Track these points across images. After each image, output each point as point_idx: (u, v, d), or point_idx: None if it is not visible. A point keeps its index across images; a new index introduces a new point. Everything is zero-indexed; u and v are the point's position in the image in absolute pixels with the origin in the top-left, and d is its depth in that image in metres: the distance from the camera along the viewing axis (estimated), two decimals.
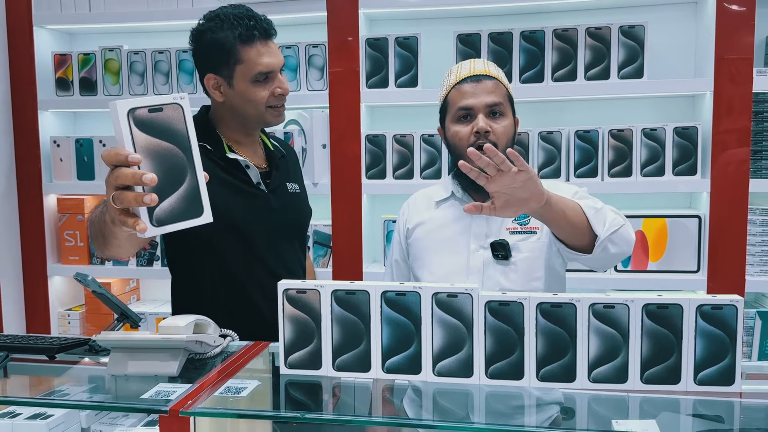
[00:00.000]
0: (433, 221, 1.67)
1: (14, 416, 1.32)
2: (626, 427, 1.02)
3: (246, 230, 1.61)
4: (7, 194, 2.65)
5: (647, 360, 1.10)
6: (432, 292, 1.14)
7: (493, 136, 1.54)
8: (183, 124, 1.01)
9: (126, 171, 0.97)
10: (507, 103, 1.59)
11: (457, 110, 1.57)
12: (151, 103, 0.98)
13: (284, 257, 1.69)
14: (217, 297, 1.61)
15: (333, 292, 1.16)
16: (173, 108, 1.00)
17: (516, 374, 1.13)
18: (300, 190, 1.80)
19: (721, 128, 2.16)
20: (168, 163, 1.00)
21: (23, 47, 2.63)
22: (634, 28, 2.21)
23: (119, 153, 0.97)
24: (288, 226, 1.71)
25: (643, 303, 1.10)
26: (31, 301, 2.71)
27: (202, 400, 1.06)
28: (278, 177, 1.71)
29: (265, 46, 1.58)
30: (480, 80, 1.57)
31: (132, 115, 0.97)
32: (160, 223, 1.00)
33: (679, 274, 2.25)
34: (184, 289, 1.69)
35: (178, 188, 1.01)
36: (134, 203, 0.97)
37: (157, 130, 0.99)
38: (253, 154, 1.69)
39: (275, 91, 1.59)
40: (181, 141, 1.01)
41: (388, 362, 1.16)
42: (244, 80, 1.57)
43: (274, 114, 1.62)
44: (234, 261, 1.61)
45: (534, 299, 1.12)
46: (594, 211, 1.43)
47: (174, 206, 1.01)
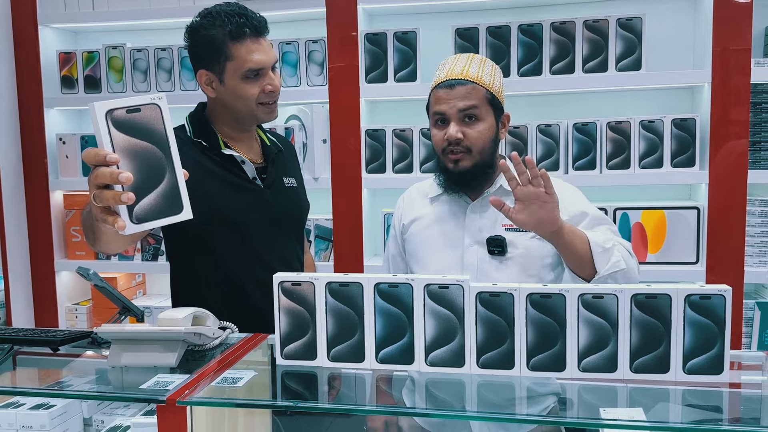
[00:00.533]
0: (428, 217, 1.68)
1: (18, 406, 1.36)
2: (613, 415, 1.03)
3: (242, 225, 1.63)
4: (14, 191, 2.69)
5: (636, 349, 1.11)
6: (424, 284, 1.16)
7: (467, 142, 1.55)
8: (161, 123, 1.03)
9: (104, 170, 1.00)
10: (485, 106, 1.56)
11: (433, 114, 1.59)
12: (129, 104, 1.01)
13: (281, 251, 1.71)
14: (214, 291, 1.64)
15: (327, 285, 1.18)
16: (151, 108, 1.03)
17: (507, 364, 1.15)
18: (297, 185, 1.81)
19: (720, 119, 2.16)
20: (146, 162, 1.03)
21: (29, 46, 2.66)
22: (631, 20, 2.21)
23: (98, 153, 1.00)
24: (284, 220, 1.73)
25: (632, 293, 1.11)
26: (39, 295, 2.75)
27: (199, 390, 1.09)
28: (274, 172, 1.73)
29: (256, 43, 1.59)
30: (453, 87, 1.55)
31: (110, 116, 0.99)
32: (140, 220, 1.03)
33: (678, 266, 2.26)
34: (182, 283, 1.72)
35: (157, 186, 1.04)
36: (113, 202, 1.00)
37: (135, 130, 1.02)
38: (249, 150, 1.71)
39: (266, 88, 1.60)
40: (159, 140, 1.03)
41: (382, 353, 1.18)
42: (235, 77, 1.58)
43: (265, 111, 1.63)
44: (231, 255, 1.63)
45: (524, 290, 1.13)
46: (600, 249, 1.45)
47: (153, 204, 1.03)
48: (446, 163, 1.59)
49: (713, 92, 2.16)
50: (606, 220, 1.63)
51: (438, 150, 1.61)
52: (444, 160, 1.59)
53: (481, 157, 1.58)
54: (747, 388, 1.19)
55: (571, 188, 1.67)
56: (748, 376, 1.22)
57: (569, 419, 1.15)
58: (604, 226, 1.59)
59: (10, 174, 2.67)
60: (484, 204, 1.63)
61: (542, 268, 1.60)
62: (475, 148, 1.56)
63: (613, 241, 1.49)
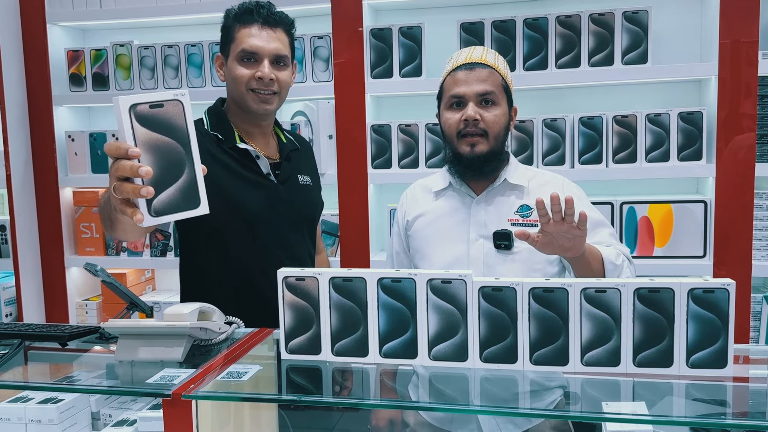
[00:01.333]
0: (432, 212, 1.68)
1: (27, 401, 1.38)
2: (616, 409, 1.04)
3: (254, 219, 1.64)
4: (24, 188, 2.72)
5: (639, 343, 1.11)
6: (427, 279, 1.16)
7: (483, 124, 1.56)
8: (183, 119, 1.05)
9: (125, 163, 1.02)
10: (501, 93, 1.59)
11: (450, 97, 1.59)
12: (153, 99, 1.03)
13: (292, 248, 1.72)
14: (224, 285, 1.65)
15: (331, 280, 1.19)
16: (174, 104, 1.05)
17: (510, 358, 1.15)
18: (312, 183, 1.82)
19: (727, 113, 2.15)
20: (167, 157, 1.05)
21: (37, 44, 2.68)
22: (637, 14, 2.20)
23: (120, 146, 1.02)
24: (297, 217, 1.74)
25: (635, 287, 1.11)
26: (49, 291, 2.78)
27: (205, 384, 1.10)
28: (289, 168, 1.74)
29: (261, 30, 1.61)
30: (473, 68, 1.58)
31: (134, 110, 1.02)
32: (158, 213, 1.05)
33: (685, 260, 2.25)
34: (192, 276, 1.73)
35: (176, 181, 1.06)
36: (133, 194, 1.03)
37: (158, 125, 1.04)
38: (265, 146, 1.73)
39: (255, 74, 1.61)
40: (180, 136, 1.05)
41: (385, 347, 1.18)
42: (233, 58, 1.63)
43: (254, 99, 1.63)
44: (242, 250, 1.64)
45: (526, 284, 1.13)
46: (612, 266, 1.47)
47: (171, 198, 1.05)
48: (461, 148, 1.58)
49: (720, 85, 2.15)
50: (606, 223, 1.64)
51: (452, 134, 1.59)
52: (459, 145, 1.58)
53: (496, 143, 1.58)
54: (754, 382, 1.18)
55: (576, 188, 1.68)
56: (756, 371, 1.22)
57: (572, 413, 1.15)
58: (606, 231, 1.61)
59: (20, 171, 2.70)
60: (489, 198, 1.63)
61: (548, 264, 1.60)
62: (492, 133, 1.57)
63: (622, 257, 1.51)
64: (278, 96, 1.66)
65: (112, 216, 1.23)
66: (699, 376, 1.10)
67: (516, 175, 1.64)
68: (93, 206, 2.76)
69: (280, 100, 1.68)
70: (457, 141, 1.59)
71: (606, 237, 1.59)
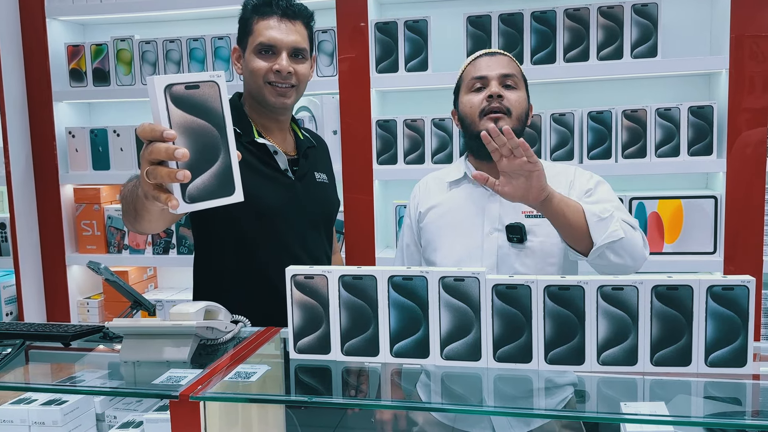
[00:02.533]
0: (446, 204, 1.66)
1: (30, 402, 1.35)
2: (635, 409, 1.01)
3: (271, 215, 1.62)
4: (24, 185, 2.69)
5: (657, 342, 1.09)
6: (439, 276, 1.14)
7: (507, 102, 1.55)
8: (218, 102, 1.01)
9: (160, 146, 0.97)
10: (521, 80, 1.61)
11: (471, 80, 1.59)
12: (188, 80, 0.98)
13: (309, 244, 1.70)
14: (240, 281, 1.63)
15: (340, 278, 1.17)
16: (210, 86, 1.00)
17: (524, 357, 1.13)
18: (328, 181, 1.80)
19: (738, 107, 2.12)
20: (202, 141, 1.00)
21: (37, 39, 2.65)
22: (647, 6, 2.17)
23: (155, 128, 0.97)
24: (314, 214, 1.72)
25: (653, 284, 1.09)
26: (50, 290, 2.76)
27: (212, 385, 1.08)
28: (306, 165, 1.72)
29: (279, 23, 1.59)
30: (494, 55, 1.61)
31: (169, 91, 0.97)
32: (192, 200, 1.00)
33: (695, 256, 2.22)
34: (207, 273, 1.71)
35: (211, 166, 1.01)
36: (167, 179, 0.98)
37: (193, 107, 0.99)
38: (282, 141, 1.71)
39: (273, 67, 1.59)
40: (215, 119, 1.01)
41: (396, 346, 1.16)
42: (250, 51, 1.61)
43: (272, 92, 1.61)
44: (257, 245, 1.62)
45: (541, 282, 1.11)
46: (597, 218, 1.42)
47: (206, 184, 1.01)
48: (484, 125, 1.54)
49: (731, 79, 2.12)
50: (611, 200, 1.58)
51: (473, 114, 1.57)
52: (480, 123, 1.55)
53: (519, 124, 1.57)
54: None
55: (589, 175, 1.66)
56: None
57: (589, 413, 1.12)
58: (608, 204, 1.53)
59: (20, 168, 2.67)
60: None
61: (562, 255, 1.58)
62: (515, 112, 1.56)
63: (610, 211, 1.45)
64: (296, 90, 1.64)
65: (138, 205, 1.18)
66: (718, 374, 1.08)
67: None
68: (94, 203, 2.74)
69: (298, 94, 1.66)
70: (479, 121, 1.56)
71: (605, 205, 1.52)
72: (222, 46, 2.52)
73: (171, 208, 0.99)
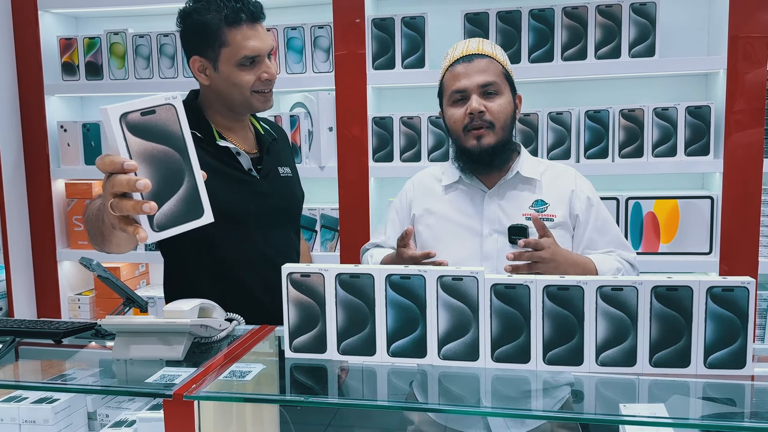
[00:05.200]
0: (443, 209, 1.64)
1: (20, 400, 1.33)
2: (634, 411, 1.00)
3: (238, 217, 1.59)
4: (15, 180, 2.66)
5: (656, 343, 1.09)
6: (437, 275, 1.13)
7: (489, 116, 1.53)
8: (177, 124, 0.98)
9: (121, 178, 0.94)
10: (503, 81, 1.56)
11: (452, 93, 1.57)
12: (143, 106, 0.96)
13: (278, 242, 1.68)
14: (210, 284, 1.59)
15: (337, 276, 1.15)
16: (166, 109, 0.97)
17: (522, 358, 1.12)
18: (292, 174, 1.77)
19: (735, 107, 2.12)
20: (165, 167, 0.97)
21: (29, 32, 2.62)
22: (645, 5, 2.16)
23: (114, 160, 0.94)
24: (281, 211, 1.70)
25: (652, 285, 1.08)
26: (41, 286, 2.73)
27: (207, 384, 1.06)
28: (269, 162, 1.68)
29: (252, 29, 1.53)
30: (472, 60, 1.55)
31: (124, 119, 0.94)
32: (161, 228, 0.98)
33: (690, 256, 2.22)
34: (177, 276, 1.67)
35: (177, 191, 0.99)
36: (133, 211, 0.95)
37: (152, 134, 0.96)
38: (243, 140, 1.67)
39: (261, 75, 1.55)
40: (176, 142, 0.98)
41: (393, 346, 1.15)
42: (230, 64, 1.53)
43: (260, 99, 1.58)
44: (228, 248, 1.59)
45: (540, 282, 1.10)
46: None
47: (174, 209, 0.99)
48: (468, 142, 1.55)
49: (729, 79, 2.12)
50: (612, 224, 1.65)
51: (457, 130, 1.57)
52: (465, 140, 1.56)
53: (504, 134, 1.56)
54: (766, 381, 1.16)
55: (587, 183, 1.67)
56: None
57: (587, 415, 1.12)
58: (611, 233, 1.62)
59: (11, 163, 2.64)
60: (502, 192, 1.60)
61: None
62: (498, 123, 1.54)
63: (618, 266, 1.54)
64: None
65: (105, 231, 1.15)
66: (717, 375, 1.07)
67: (528, 168, 1.62)
68: (86, 198, 2.71)
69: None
70: (463, 136, 1.56)
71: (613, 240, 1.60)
72: None
73: (140, 240, 0.97)
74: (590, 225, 1.59)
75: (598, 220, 1.60)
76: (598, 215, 1.60)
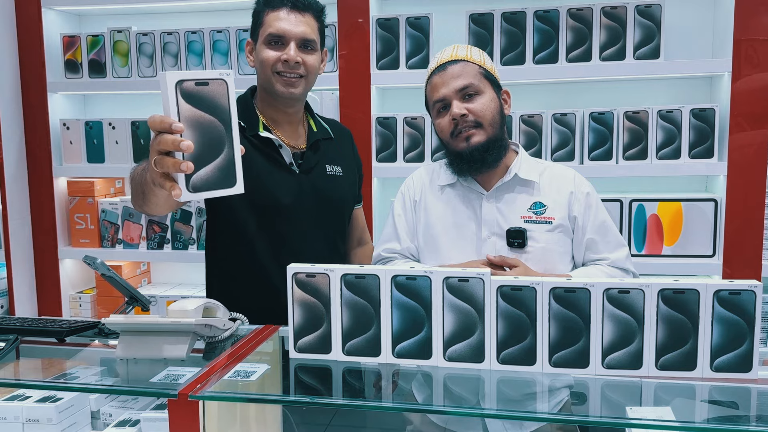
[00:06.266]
0: (439, 207, 1.63)
1: (24, 399, 1.33)
2: (640, 414, 1.00)
3: (271, 209, 1.61)
4: (17, 178, 2.65)
5: (662, 346, 1.08)
6: (443, 277, 1.12)
7: (473, 116, 1.54)
8: (226, 99, 1.06)
9: (168, 137, 1.03)
10: (481, 81, 1.56)
11: (434, 104, 1.59)
12: (199, 77, 1.04)
13: (312, 240, 1.68)
14: (238, 273, 1.64)
15: (343, 277, 1.15)
16: (218, 83, 1.06)
17: (528, 360, 1.11)
18: (343, 174, 1.77)
19: (740, 110, 2.12)
20: (208, 135, 1.06)
21: (32, 29, 2.61)
22: (650, 7, 2.16)
23: (164, 120, 1.03)
24: (321, 209, 1.69)
25: (659, 288, 1.08)
26: (42, 284, 2.72)
27: (212, 383, 1.06)
28: (314, 158, 1.70)
29: (289, 14, 1.60)
30: (445, 68, 1.57)
31: (179, 86, 1.03)
32: (195, 189, 1.06)
33: (694, 259, 2.22)
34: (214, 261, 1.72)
35: (215, 158, 1.06)
36: (172, 169, 1.03)
37: (201, 103, 1.05)
38: (292, 134, 1.70)
39: (282, 56, 1.59)
40: (222, 114, 1.06)
41: (399, 347, 1.14)
42: (261, 42, 1.62)
43: (281, 81, 1.61)
44: (256, 239, 1.62)
45: (547, 284, 1.10)
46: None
47: (210, 175, 1.06)
48: (458, 145, 1.55)
49: (733, 82, 2.11)
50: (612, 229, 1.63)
51: (446, 137, 1.58)
52: (455, 144, 1.56)
53: (493, 131, 1.56)
54: None
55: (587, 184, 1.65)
56: None
57: (593, 418, 1.11)
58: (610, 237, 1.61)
59: (13, 160, 2.63)
60: (500, 194, 1.59)
61: (560, 262, 1.57)
62: (485, 121, 1.54)
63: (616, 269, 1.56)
64: (305, 80, 1.63)
65: (146, 189, 1.24)
66: (723, 379, 1.07)
67: (527, 169, 1.61)
68: (88, 197, 2.70)
69: (308, 85, 1.65)
70: (452, 141, 1.57)
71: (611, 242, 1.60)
72: (221, 40, 2.48)
73: (174, 196, 1.04)
74: (589, 227, 1.59)
75: (597, 221, 1.59)
76: (597, 217, 1.60)
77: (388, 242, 1.72)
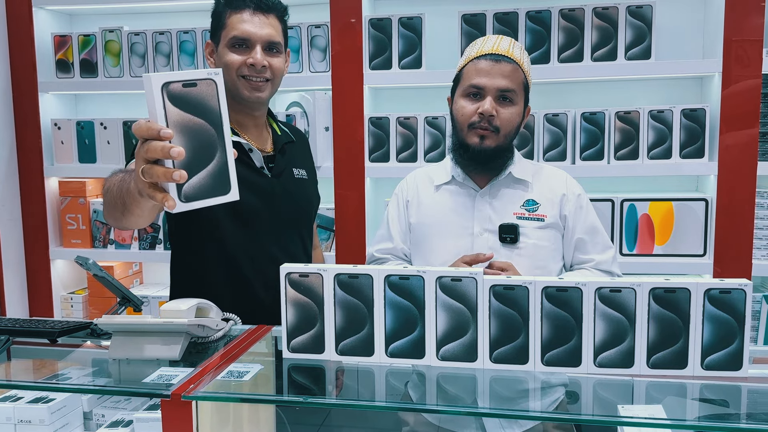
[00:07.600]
0: (434, 206, 1.64)
1: (16, 400, 1.32)
2: (632, 412, 1.01)
3: (246, 214, 1.59)
4: (8, 178, 2.64)
5: (654, 344, 1.09)
6: (436, 276, 1.12)
7: (498, 121, 1.53)
8: (216, 100, 0.99)
9: (156, 144, 0.95)
10: (520, 91, 1.56)
11: (469, 86, 1.55)
12: (186, 77, 0.97)
13: (286, 243, 1.67)
14: (215, 279, 1.60)
15: (336, 276, 1.15)
16: (207, 84, 0.99)
17: (521, 359, 1.12)
18: (307, 177, 1.77)
19: (730, 110, 2.13)
20: (199, 139, 0.98)
21: (23, 29, 2.59)
22: (641, 8, 2.17)
23: (151, 127, 0.95)
24: (292, 212, 1.69)
25: (651, 287, 1.08)
26: (33, 284, 2.71)
27: (205, 384, 1.06)
28: (283, 162, 1.69)
29: (253, 16, 1.57)
30: (499, 61, 1.53)
31: (166, 89, 0.95)
32: (188, 199, 0.99)
33: (685, 258, 2.24)
34: (183, 270, 1.68)
35: (208, 165, 1.00)
36: (163, 178, 0.96)
37: (190, 106, 0.97)
38: (258, 138, 1.67)
39: (248, 60, 1.56)
40: (212, 117, 0.99)
41: (392, 347, 1.15)
42: (224, 45, 1.58)
43: (246, 86, 1.58)
44: (234, 246, 1.59)
45: (539, 283, 1.10)
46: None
47: (202, 183, 0.99)
48: (470, 138, 1.55)
49: (723, 83, 2.13)
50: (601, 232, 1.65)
51: (463, 123, 1.56)
52: (467, 135, 1.55)
53: (506, 141, 1.57)
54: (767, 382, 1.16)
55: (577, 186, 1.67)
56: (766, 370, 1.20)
57: (585, 416, 1.12)
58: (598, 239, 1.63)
59: (4, 160, 2.62)
60: (494, 191, 1.60)
61: (551, 259, 1.59)
62: (504, 130, 1.54)
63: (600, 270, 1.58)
64: (271, 83, 1.61)
65: (128, 200, 1.14)
66: (714, 377, 1.08)
67: (520, 169, 1.62)
68: (80, 197, 2.69)
69: (273, 88, 1.63)
70: (467, 131, 1.55)
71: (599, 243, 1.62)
72: None
73: (168, 208, 0.97)
74: (579, 227, 1.61)
75: (587, 222, 1.62)
76: (587, 218, 1.62)
77: (381, 242, 1.73)
